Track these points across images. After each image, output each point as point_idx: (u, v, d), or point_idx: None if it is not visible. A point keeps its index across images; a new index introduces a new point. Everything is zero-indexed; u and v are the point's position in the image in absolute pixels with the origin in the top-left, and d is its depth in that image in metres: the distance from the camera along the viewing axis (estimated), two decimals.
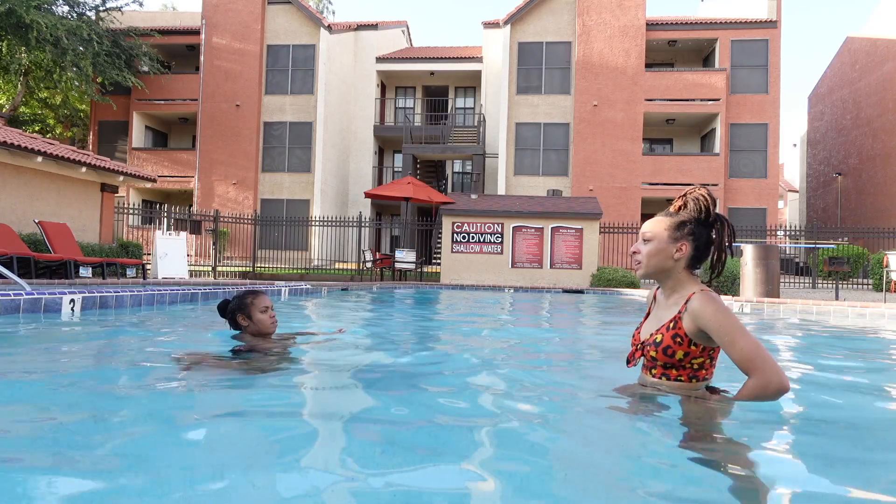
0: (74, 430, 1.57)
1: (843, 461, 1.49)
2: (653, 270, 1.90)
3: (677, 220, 1.89)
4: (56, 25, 18.28)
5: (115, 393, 2.14)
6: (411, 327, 5.13)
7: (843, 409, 2.16)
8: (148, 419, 1.72)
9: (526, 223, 14.06)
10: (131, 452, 1.39)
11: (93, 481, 1.18)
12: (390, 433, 1.60)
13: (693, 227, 1.87)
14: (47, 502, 1.08)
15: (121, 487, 1.16)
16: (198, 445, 1.49)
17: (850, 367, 3.26)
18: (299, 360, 2.74)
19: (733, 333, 1.70)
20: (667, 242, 1.87)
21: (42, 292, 4.44)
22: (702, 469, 1.39)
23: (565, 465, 1.40)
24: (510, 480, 1.26)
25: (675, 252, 1.86)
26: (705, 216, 1.87)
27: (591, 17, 21.07)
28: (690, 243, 1.86)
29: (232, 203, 22.21)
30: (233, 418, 1.73)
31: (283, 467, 1.31)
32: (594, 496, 1.21)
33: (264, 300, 2.82)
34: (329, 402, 2.08)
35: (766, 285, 9.17)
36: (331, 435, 1.58)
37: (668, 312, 1.89)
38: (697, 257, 1.88)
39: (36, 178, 10.46)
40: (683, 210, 1.91)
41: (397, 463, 1.36)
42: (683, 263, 1.88)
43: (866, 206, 24.30)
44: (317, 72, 22.38)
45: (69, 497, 1.11)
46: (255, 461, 1.35)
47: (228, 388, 2.15)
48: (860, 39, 25.67)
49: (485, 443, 1.54)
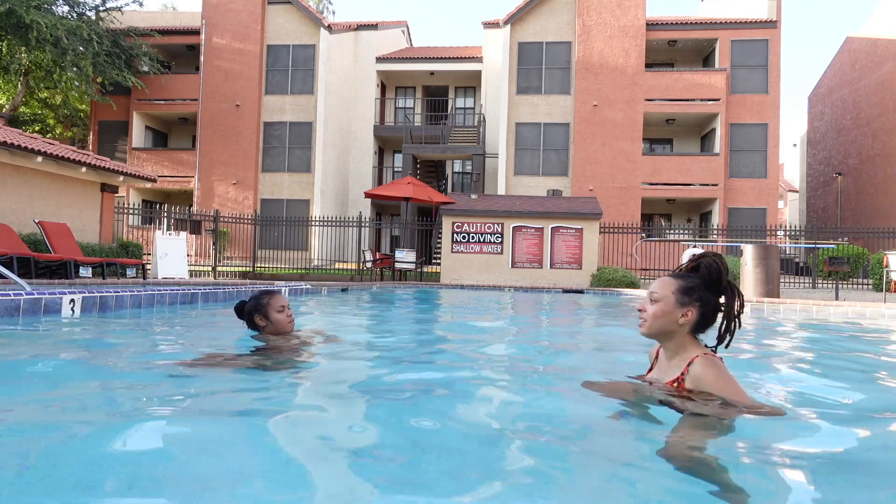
0: (75, 428, 1.57)
1: (845, 462, 1.48)
2: (656, 332, 1.90)
3: (687, 284, 1.87)
4: (56, 25, 18.28)
5: (116, 392, 2.13)
6: (419, 328, 5.13)
7: (843, 408, 2.16)
8: (153, 418, 1.72)
9: (526, 223, 14.06)
10: (132, 452, 1.39)
11: (91, 481, 1.18)
12: (396, 436, 1.60)
13: (702, 294, 1.86)
14: None
15: (120, 487, 1.16)
16: (208, 445, 1.49)
17: (850, 366, 3.26)
18: (316, 359, 2.75)
19: (735, 400, 1.73)
20: (673, 306, 1.86)
21: (42, 292, 4.44)
22: (699, 473, 1.39)
23: (569, 467, 1.40)
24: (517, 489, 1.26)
25: (681, 317, 1.86)
26: (716, 283, 1.86)
27: (591, 17, 21.07)
28: (697, 309, 1.86)
29: (232, 203, 22.21)
30: (246, 417, 1.73)
31: (290, 468, 1.31)
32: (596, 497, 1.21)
33: (280, 300, 2.86)
34: (343, 402, 2.08)
35: (766, 285, 9.18)
36: (342, 436, 1.58)
37: (669, 374, 1.90)
38: (703, 323, 1.88)
39: (36, 178, 10.46)
40: (694, 273, 1.90)
41: (400, 469, 1.36)
42: (687, 328, 1.87)
43: (866, 206, 24.30)
44: (317, 72, 22.38)
45: (70, 499, 1.11)
46: (265, 461, 1.35)
47: (243, 388, 2.16)
48: (860, 39, 25.67)
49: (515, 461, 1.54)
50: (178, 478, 1.22)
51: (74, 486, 1.16)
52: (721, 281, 1.85)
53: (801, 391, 2.43)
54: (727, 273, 1.87)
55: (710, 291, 1.86)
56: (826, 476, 1.39)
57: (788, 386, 2.54)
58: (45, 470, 1.25)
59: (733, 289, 1.86)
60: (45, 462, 1.30)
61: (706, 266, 1.87)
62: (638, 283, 13.14)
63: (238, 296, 6.78)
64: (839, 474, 1.40)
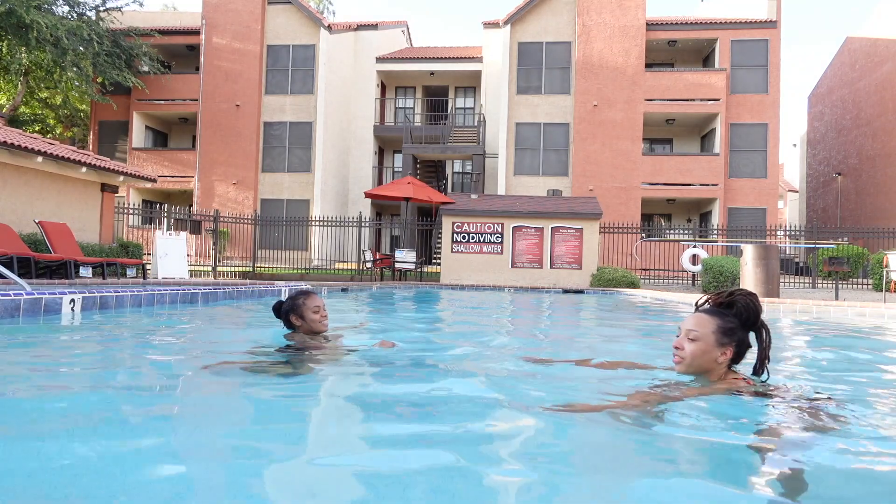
0: (77, 429, 1.57)
1: (847, 461, 1.49)
2: (695, 370, 1.92)
3: (728, 325, 1.89)
4: (56, 25, 18.29)
5: (116, 392, 2.14)
6: (423, 327, 5.13)
7: (842, 408, 2.16)
8: (164, 418, 1.72)
9: (526, 223, 14.07)
10: (132, 452, 1.40)
11: (89, 483, 1.19)
12: (414, 436, 1.61)
13: (739, 333, 1.89)
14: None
15: (119, 489, 1.16)
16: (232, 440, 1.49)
17: (849, 366, 3.26)
18: (347, 359, 2.84)
19: None
20: (713, 346, 1.88)
21: (42, 292, 4.45)
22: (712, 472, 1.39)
23: (573, 472, 1.41)
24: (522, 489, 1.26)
25: (720, 356, 1.88)
26: (753, 323, 1.89)
27: (591, 18, 21.07)
28: (734, 348, 1.89)
29: (232, 203, 22.22)
30: (268, 411, 1.73)
31: (314, 463, 1.32)
32: None
33: (315, 300, 2.99)
34: (369, 397, 2.12)
35: (766, 285, 9.18)
36: (364, 429, 1.59)
37: None
38: (735, 360, 1.92)
39: (36, 178, 10.46)
40: (728, 310, 1.92)
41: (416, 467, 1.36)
42: (725, 366, 1.91)
43: (866, 206, 24.30)
44: (317, 72, 22.39)
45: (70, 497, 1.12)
46: (289, 455, 1.35)
47: (268, 385, 2.21)
48: (860, 40, 25.67)
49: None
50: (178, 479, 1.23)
51: (74, 486, 1.16)
52: (759, 320, 1.89)
53: None
54: (762, 311, 1.90)
55: (745, 329, 1.90)
56: (824, 477, 1.39)
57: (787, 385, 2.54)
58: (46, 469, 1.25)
59: (766, 327, 1.90)
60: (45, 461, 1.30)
61: (744, 306, 1.89)
62: (638, 283, 13.14)
63: (238, 295, 6.85)
64: (832, 474, 1.40)
